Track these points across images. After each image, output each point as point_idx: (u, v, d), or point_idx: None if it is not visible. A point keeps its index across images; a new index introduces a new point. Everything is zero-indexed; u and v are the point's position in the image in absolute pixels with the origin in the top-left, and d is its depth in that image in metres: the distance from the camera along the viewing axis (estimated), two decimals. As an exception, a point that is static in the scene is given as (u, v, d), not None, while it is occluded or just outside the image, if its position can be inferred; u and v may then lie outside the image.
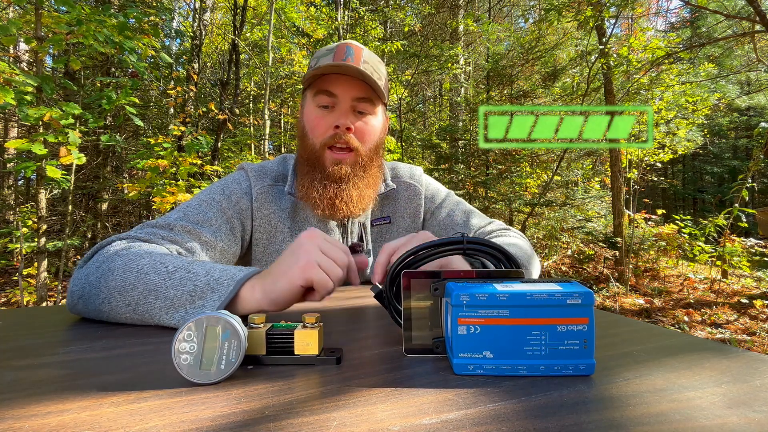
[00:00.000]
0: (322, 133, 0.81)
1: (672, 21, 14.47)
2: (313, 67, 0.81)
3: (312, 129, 0.82)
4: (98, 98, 2.47)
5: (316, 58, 0.84)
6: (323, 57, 0.82)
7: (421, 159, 8.23)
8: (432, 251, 0.46)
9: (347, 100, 0.80)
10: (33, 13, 2.28)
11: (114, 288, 0.54)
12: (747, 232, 6.49)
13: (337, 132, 0.80)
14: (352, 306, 0.64)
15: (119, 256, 0.58)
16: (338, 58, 0.78)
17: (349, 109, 0.81)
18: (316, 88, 0.81)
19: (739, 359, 0.40)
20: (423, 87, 10.77)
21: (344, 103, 0.81)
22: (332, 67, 0.77)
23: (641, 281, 4.66)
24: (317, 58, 0.83)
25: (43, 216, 2.49)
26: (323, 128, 0.81)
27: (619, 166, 5.34)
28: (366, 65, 0.79)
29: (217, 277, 0.52)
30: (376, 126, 0.85)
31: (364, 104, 0.82)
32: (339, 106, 0.81)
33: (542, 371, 0.36)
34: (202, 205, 0.77)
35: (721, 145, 14.49)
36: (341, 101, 0.80)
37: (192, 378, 0.34)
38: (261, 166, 0.89)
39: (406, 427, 0.28)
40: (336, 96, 0.80)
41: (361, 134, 0.82)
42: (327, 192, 0.81)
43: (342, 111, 0.81)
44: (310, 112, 0.83)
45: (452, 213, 0.92)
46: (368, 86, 0.81)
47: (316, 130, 0.82)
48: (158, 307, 0.52)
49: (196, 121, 5.39)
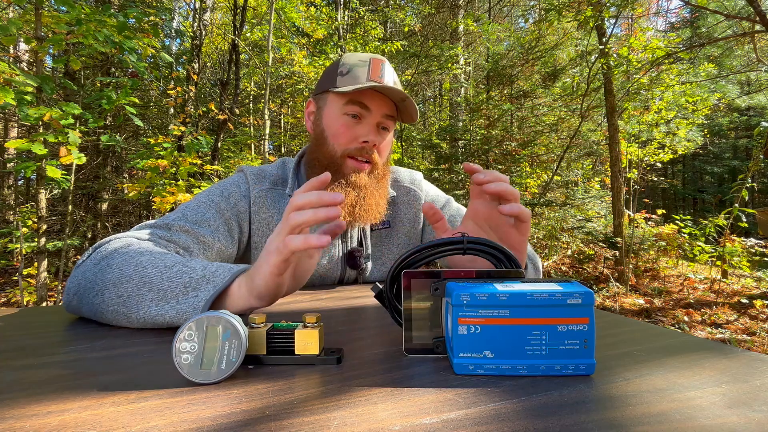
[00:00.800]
0: (346, 143, 0.82)
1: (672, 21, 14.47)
2: (345, 74, 0.82)
3: (335, 136, 0.82)
4: (98, 98, 2.47)
5: (348, 66, 0.83)
6: (358, 68, 0.82)
7: (421, 159, 8.23)
8: (432, 251, 0.46)
9: (378, 117, 0.83)
10: (33, 13, 2.28)
11: (109, 280, 0.54)
12: (747, 232, 6.50)
13: (365, 147, 0.82)
14: (352, 306, 0.64)
15: (118, 253, 0.58)
16: (375, 74, 0.81)
17: (376, 125, 0.83)
18: (349, 98, 0.81)
19: (739, 359, 0.40)
20: (423, 87, 10.77)
21: (374, 119, 0.82)
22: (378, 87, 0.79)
23: (641, 281, 4.66)
24: (349, 67, 0.83)
25: (43, 216, 2.49)
26: (348, 138, 0.82)
27: (619, 166, 5.34)
28: (396, 85, 0.83)
29: (213, 270, 0.52)
30: (391, 140, 0.89)
31: (389, 121, 0.85)
32: (367, 120, 0.82)
33: (542, 371, 0.36)
34: (200, 207, 0.77)
35: (721, 145, 14.49)
36: (372, 116, 0.82)
37: (193, 378, 0.34)
38: (260, 170, 0.89)
39: (407, 426, 0.28)
40: (369, 110, 0.82)
41: (381, 149, 0.85)
42: (349, 199, 0.81)
43: (371, 126, 0.82)
44: (335, 117, 0.83)
45: (453, 218, 0.92)
46: (394, 105, 0.84)
47: (340, 137, 0.82)
48: (150, 299, 0.51)
49: (196, 121, 5.39)
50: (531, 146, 6.05)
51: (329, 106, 0.84)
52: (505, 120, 6.67)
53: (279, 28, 6.44)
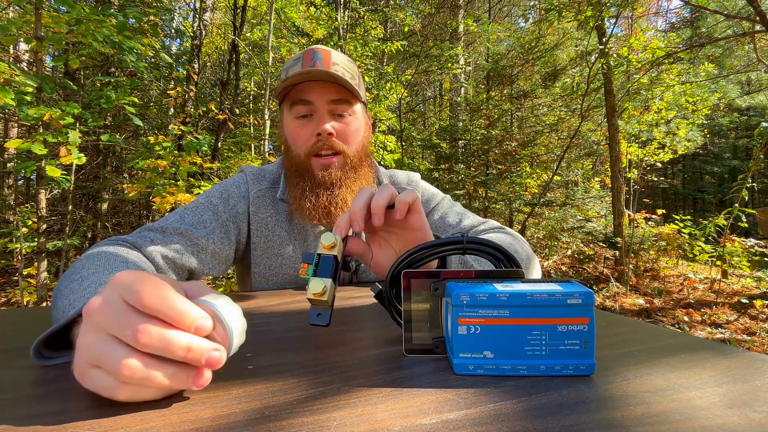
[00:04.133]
0: (304, 143, 0.81)
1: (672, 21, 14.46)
2: (282, 79, 0.80)
3: (294, 140, 0.82)
4: (98, 98, 2.47)
5: (285, 69, 0.83)
6: (291, 67, 0.81)
7: (421, 159, 8.23)
8: (432, 251, 0.46)
9: (323, 105, 0.80)
10: (33, 12, 2.28)
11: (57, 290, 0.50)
12: (747, 232, 6.50)
13: (319, 139, 0.79)
14: (352, 306, 0.64)
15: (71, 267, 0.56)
16: (306, 64, 0.78)
17: (327, 114, 0.80)
18: (291, 99, 0.80)
19: (739, 359, 0.40)
20: (423, 87, 10.77)
21: (321, 109, 0.80)
22: (302, 75, 0.76)
23: (641, 281, 4.66)
24: (286, 70, 0.82)
25: (43, 216, 2.49)
26: (305, 138, 0.80)
27: (619, 166, 5.34)
28: (336, 67, 0.78)
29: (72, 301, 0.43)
30: (358, 125, 0.84)
31: (342, 106, 0.81)
32: (316, 113, 0.80)
33: (542, 371, 0.36)
34: (198, 208, 0.78)
35: (721, 145, 14.49)
36: (318, 107, 0.80)
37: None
38: (260, 170, 0.90)
39: (407, 426, 0.28)
40: (312, 103, 0.79)
41: (344, 136, 0.81)
42: (320, 201, 0.80)
43: (320, 117, 0.80)
44: (289, 124, 0.82)
45: (445, 215, 0.91)
46: (342, 87, 0.80)
47: (297, 141, 0.81)
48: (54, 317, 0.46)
49: (196, 121, 5.39)
50: (531, 146, 6.05)
51: (284, 115, 0.85)
52: (505, 120, 6.67)
53: (279, 28, 6.43)
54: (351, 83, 0.79)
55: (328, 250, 0.44)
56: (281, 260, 0.84)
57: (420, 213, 0.51)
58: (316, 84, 0.79)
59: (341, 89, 0.81)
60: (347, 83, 0.78)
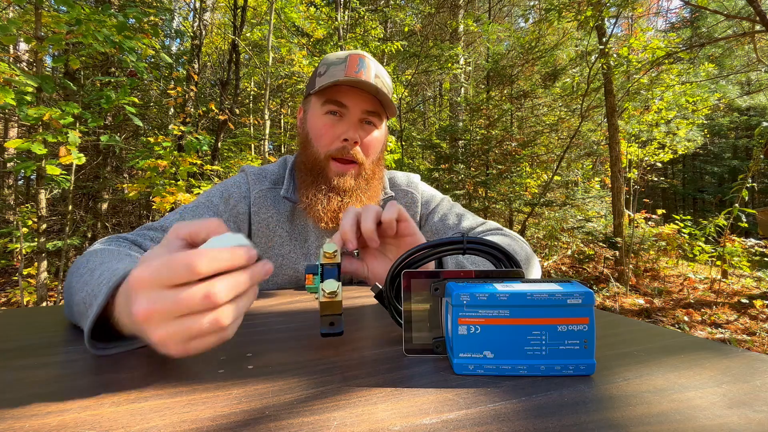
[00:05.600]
0: (327, 144, 0.81)
1: (672, 21, 14.46)
2: (322, 74, 0.80)
3: (318, 137, 0.81)
4: (98, 98, 2.48)
5: (326, 65, 0.82)
6: (334, 66, 0.80)
7: (421, 159, 8.23)
8: (432, 251, 0.46)
9: (357, 113, 0.80)
10: (33, 12, 2.28)
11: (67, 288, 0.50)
12: (747, 232, 6.49)
13: (345, 145, 0.79)
14: (352, 306, 0.64)
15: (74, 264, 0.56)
16: (351, 69, 0.78)
17: (358, 122, 0.81)
18: (326, 97, 0.80)
19: (739, 359, 0.40)
20: (423, 87, 10.77)
21: (354, 116, 0.80)
22: (348, 81, 0.77)
23: (641, 281, 4.66)
24: (327, 66, 0.82)
25: (43, 216, 2.49)
26: (330, 138, 0.80)
27: (619, 166, 5.34)
28: (378, 80, 0.80)
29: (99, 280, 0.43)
30: (380, 139, 0.86)
31: (373, 117, 0.82)
32: (348, 118, 0.80)
33: (542, 371, 0.36)
34: (198, 208, 0.79)
35: (721, 145, 14.50)
36: (351, 113, 0.80)
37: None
38: (261, 169, 0.89)
39: (407, 426, 0.28)
40: (347, 107, 0.80)
41: (366, 148, 0.82)
42: (331, 205, 0.80)
43: (351, 123, 0.80)
44: (316, 119, 0.82)
45: (445, 216, 0.91)
46: (378, 100, 0.82)
47: (321, 139, 0.81)
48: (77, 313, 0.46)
49: (196, 121, 5.39)
50: (531, 146, 6.06)
51: (312, 108, 0.84)
52: (505, 120, 6.67)
53: (279, 28, 6.44)
54: (387, 98, 0.80)
55: (331, 260, 0.45)
56: (282, 260, 0.84)
57: (408, 221, 0.54)
58: (357, 90, 0.80)
59: (377, 102, 0.82)
60: (384, 97, 0.80)
